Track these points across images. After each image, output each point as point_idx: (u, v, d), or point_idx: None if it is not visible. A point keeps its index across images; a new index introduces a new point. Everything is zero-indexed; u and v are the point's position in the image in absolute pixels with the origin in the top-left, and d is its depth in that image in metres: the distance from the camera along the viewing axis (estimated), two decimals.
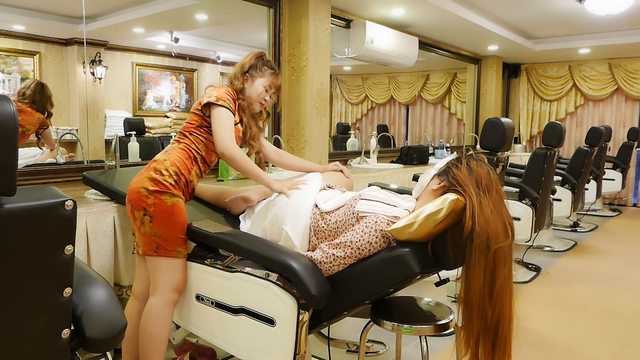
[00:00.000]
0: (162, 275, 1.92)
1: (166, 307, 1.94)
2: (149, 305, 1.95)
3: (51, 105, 3.29)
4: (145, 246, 1.91)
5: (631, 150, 6.82)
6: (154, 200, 1.87)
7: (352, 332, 2.54)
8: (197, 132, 2.04)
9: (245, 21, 4.52)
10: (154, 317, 1.93)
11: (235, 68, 2.15)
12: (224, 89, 2.07)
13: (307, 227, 1.92)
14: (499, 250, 1.57)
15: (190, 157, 2.01)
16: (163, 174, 1.91)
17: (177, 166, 1.95)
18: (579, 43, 6.48)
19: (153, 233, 1.89)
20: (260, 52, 2.18)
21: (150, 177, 1.90)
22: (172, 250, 1.91)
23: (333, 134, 6.25)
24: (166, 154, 1.99)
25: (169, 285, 1.93)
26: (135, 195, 1.90)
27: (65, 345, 1.10)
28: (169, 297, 1.94)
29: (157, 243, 1.89)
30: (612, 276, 4.10)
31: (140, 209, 1.89)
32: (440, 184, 1.76)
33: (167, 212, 1.89)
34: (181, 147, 2.01)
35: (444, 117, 7.52)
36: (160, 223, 1.88)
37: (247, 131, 2.15)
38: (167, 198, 1.89)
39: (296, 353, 1.66)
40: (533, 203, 3.81)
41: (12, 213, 0.96)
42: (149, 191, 1.88)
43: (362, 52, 4.67)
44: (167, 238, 1.90)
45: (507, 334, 1.61)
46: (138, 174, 1.96)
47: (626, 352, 2.74)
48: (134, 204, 1.90)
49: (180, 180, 1.95)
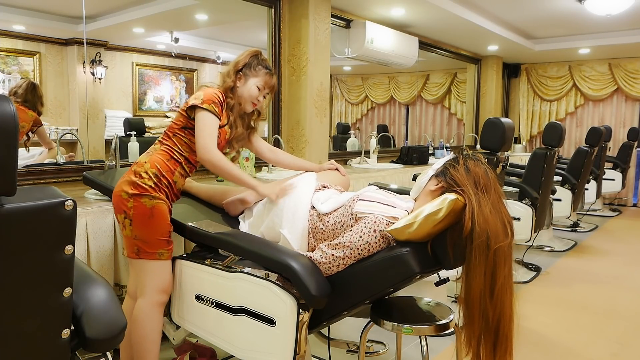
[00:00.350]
0: (146, 277, 1.92)
1: (153, 308, 1.93)
2: (136, 308, 1.94)
3: (42, 105, 3.30)
4: (128, 249, 1.92)
5: (631, 150, 6.82)
6: (134, 204, 1.88)
7: (352, 332, 2.54)
8: (180, 134, 2.01)
9: (245, 21, 4.52)
10: (142, 319, 1.92)
11: (229, 65, 2.11)
12: (212, 91, 2.01)
13: (304, 230, 1.92)
14: (499, 250, 1.56)
15: (172, 158, 1.99)
16: (142, 177, 1.90)
17: (157, 168, 1.93)
18: (579, 43, 6.48)
19: (133, 236, 1.88)
20: (256, 51, 2.14)
21: (129, 180, 1.90)
22: (153, 252, 1.90)
23: (333, 134, 6.25)
24: (147, 156, 1.98)
25: (154, 286, 1.92)
26: (116, 198, 1.91)
27: (65, 345, 1.10)
28: (155, 299, 1.93)
29: (137, 246, 1.89)
30: (612, 276, 4.10)
31: (121, 212, 1.90)
32: (438, 185, 1.76)
33: (146, 214, 1.88)
34: (163, 149, 2.00)
35: (444, 117, 7.52)
36: (140, 226, 1.88)
37: (232, 131, 2.11)
38: (146, 201, 1.88)
39: (296, 353, 1.66)
40: (533, 203, 3.81)
41: (12, 213, 0.96)
42: (129, 194, 1.88)
43: (362, 52, 4.67)
44: (148, 240, 1.89)
45: (508, 333, 1.61)
46: (122, 177, 1.96)
47: (626, 352, 2.74)
48: (116, 207, 1.92)
49: (161, 182, 1.93)
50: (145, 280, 1.93)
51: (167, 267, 1.95)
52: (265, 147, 2.33)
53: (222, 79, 2.10)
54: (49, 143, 3.29)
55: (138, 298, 1.95)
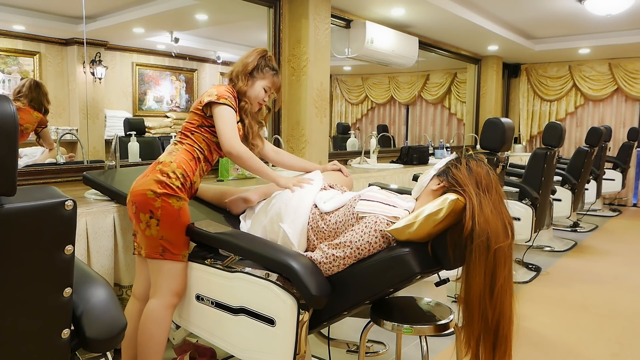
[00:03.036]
0: (164, 279, 1.91)
1: (166, 310, 1.93)
2: (149, 307, 1.94)
3: (48, 102, 3.30)
4: (150, 249, 1.89)
5: (631, 150, 6.82)
6: (162, 204, 1.85)
7: (352, 332, 2.54)
8: (198, 132, 2.00)
9: (245, 21, 4.52)
10: (154, 319, 1.92)
11: (238, 66, 2.09)
12: (224, 87, 2.03)
13: (304, 226, 1.92)
14: (499, 250, 1.56)
15: (194, 157, 1.98)
16: (170, 177, 1.88)
17: (183, 168, 1.92)
18: (579, 43, 6.48)
19: (160, 236, 1.86)
20: (264, 51, 2.14)
21: (157, 179, 1.87)
22: (178, 254, 1.90)
23: (333, 134, 6.25)
24: (171, 156, 1.95)
25: (170, 288, 1.92)
26: (141, 197, 1.86)
27: (65, 345, 1.10)
28: (170, 301, 1.93)
29: (163, 246, 1.88)
30: (612, 276, 4.10)
31: (146, 212, 1.85)
32: (439, 185, 1.76)
33: (174, 215, 1.87)
34: (185, 148, 1.98)
35: (444, 117, 7.52)
36: (168, 226, 1.86)
37: (249, 132, 2.12)
38: (174, 201, 1.87)
39: (296, 353, 1.66)
40: (533, 203, 3.81)
41: (12, 213, 0.96)
42: (157, 194, 1.85)
43: (362, 52, 4.67)
44: (174, 241, 1.89)
45: (507, 333, 1.61)
46: (142, 176, 1.93)
47: (626, 352, 2.74)
48: (140, 206, 1.86)
49: (186, 183, 1.92)
50: (163, 281, 1.91)
51: (185, 269, 1.95)
52: (270, 148, 2.32)
53: (231, 81, 2.09)
54: (50, 144, 3.30)
55: (151, 298, 1.94)
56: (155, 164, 1.95)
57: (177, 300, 1.97)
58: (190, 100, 5.05)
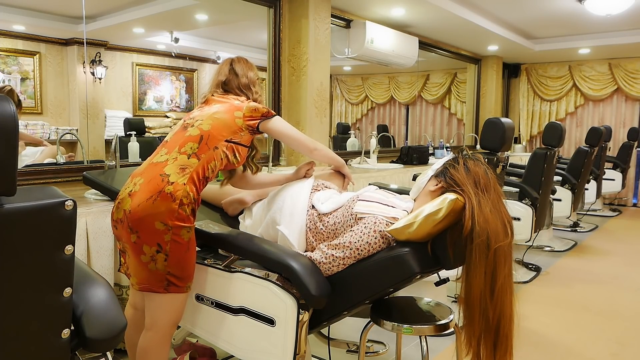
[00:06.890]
0: (164, 312, 1.75)
1: (164, 340, 1.81)
2: (146, 341, 1.79)
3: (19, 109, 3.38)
4: (152, 284, 1.70)
5: (631, 150, 6.82)
6: (172, 237, 1.65)
7: (352, 332, 2.54)
8: (222, 147, 1.80)
9: (245, 21, 4.52)
10: (152, 350, 1.79)
11: (247, 78, 1.98)
12: (250, 101, 1.92)
13: (302, 227, 1.91)
14: (499, 250, 1.56)
15: (204, 177, 1.77)
16: (183, 203, 1.67)
17: (194, 191, 1.72)
18: (579, 43, 6.48)
19: (166, 272, 1.68)
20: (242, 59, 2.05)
21: (169, 208, 1.64)
22: (183, 286, 1.74)
23: (333, 134, 6.25)
24: (184, 173, 1.71)
25: (171, 321, 1.79)
26: (147, 226, 1.63)
27: (65, 345, 1.09)
28: (168, 332, 1.80)
29: (168, 280, 1.69)
30: (612, 276, 4.10)
31: (152, 245, 1.64)
32: (438, 185, 1.76)
33: (183, 249, 1.69)
34: (202, 164, 1.75)
35: (444, 117, 7.52)
36: (177, 261, 1.68)
37: (256, 152, 2.03)
38: (184, 233, 1.68)
39: (296, 353, 1.66)
40: (533, 203, 3.81)
41: (12, 213, 0.96)
42: (168, 226, 1.64)
43: (362, 52, 4.67)
44: (181, 276, 1.71)
45: (508, 333, 1.61)
46: (145, 191, 1.67)
47: (626, 352, 2.73)
48: (145, 237, 1.64)
49: (196, 207, 1.74)
50: (163, 314, 1.75)
51: (187, 298, 1.81)
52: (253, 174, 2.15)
53: (248, 94, 1.97)
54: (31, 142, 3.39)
55: (148, 330, 1.79)
56: (162, 180, 1.69)
57: (174, 330, 1.84)
58: (190, 100, 5.04)
